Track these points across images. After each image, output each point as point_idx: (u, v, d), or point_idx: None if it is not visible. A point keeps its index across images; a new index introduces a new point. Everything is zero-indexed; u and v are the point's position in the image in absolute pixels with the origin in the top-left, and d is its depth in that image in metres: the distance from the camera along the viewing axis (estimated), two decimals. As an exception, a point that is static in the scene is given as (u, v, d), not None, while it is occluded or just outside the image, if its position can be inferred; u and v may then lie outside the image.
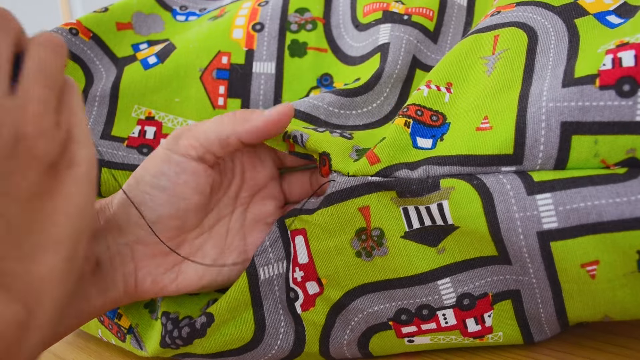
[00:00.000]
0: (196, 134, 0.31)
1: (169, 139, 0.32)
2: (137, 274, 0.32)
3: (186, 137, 0.31)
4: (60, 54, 0.24)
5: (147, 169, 0.31)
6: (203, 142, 0.31)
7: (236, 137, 0.31)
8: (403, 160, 0.31)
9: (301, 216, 0.32)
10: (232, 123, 0.31)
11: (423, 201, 0.29)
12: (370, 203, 0.30)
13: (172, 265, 0.32)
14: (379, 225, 0.31)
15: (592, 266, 0.27)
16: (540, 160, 0.28)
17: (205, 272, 0.33)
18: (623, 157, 0.27)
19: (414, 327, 0.32)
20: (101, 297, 0.31)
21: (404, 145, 0.31)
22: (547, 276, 0.28)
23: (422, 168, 0.30)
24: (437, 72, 0.34)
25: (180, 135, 0.31)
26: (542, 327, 0.31)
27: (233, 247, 0.34)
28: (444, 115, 0.32)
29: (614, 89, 0.26)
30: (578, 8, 0.32)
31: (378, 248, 0.31)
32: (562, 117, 0.27)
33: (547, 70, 0.30)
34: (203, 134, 0.31)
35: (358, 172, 0.30)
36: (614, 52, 0.27)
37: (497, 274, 0.30)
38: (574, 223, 0.27)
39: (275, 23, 0.42)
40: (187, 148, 0.31)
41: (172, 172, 0.30)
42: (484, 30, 0.34)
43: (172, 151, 0.31)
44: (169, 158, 0.31)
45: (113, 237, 0.31)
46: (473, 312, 0.31)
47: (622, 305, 0.28)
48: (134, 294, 0.32)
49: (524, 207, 0.27)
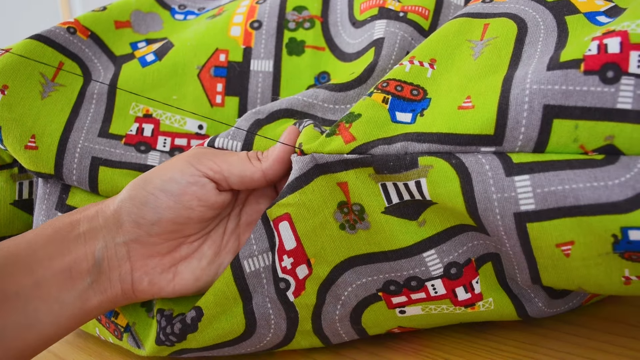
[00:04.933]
0: (220, 162, 0.32)
1: (190, 154, 0.32)
2: (134, 274, 0.32)
3: (209, 159, 0.32)
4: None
5: (160, 172, 0.32)
6: (225, 171, 0.32)
7: (261, 173, 0.32)
8: (380, 136, 0.30)
9: (280, 201, 0.32)
10: (258, 163, 0.32)
11: (401, 177, 0.29)
12: (348, 179, 0.30)
13: (168, 266, 0.33)
14: (358, 201, 0.31)
15: (567, 246, 0.27)
16: (520, 142, 0.28)
17: (202, 274, 0.33)
18: (601, 143, 0.27)
19: (404, 297, 0.32)
20: (99, 296, 0.31)
21: (381, 122, 0.31)
22: (522, 252, 0.29)
23: (401, 144, 0.29)
24: (422, 48, 0.34)
25: (204, 154, 0.32)
26: (525, 292, 0.32)
27: (228, 248, 0.34)
28: (424, 90, 0.32)
29: (597, 75, 0.26)
30: (570, 5, 0.32)
31: (360, 222, 0.31)
32: (545, 100, 0.27)
33: (534, 59, 0.30)
34: (227, 165, 0.32)
35: (333, 151, 0.30)
36: (600, 39, 0.27)
37: (477, 238, 0.31)
38: (551, 205, 0.27)
39: (273, 21, 0.42)
40: (206, 167, 0.31)
41: (184, 181, 0.31)
42: (475, 16, 0.34)
43: (190, 164, 0.31)
44: (185, 169, 0.31)
45: (111, 235, 0.31)
46: (461, 280, 0.31)
47: (595, 280, 0.28)
48: (132, 295, 0.32)
49: (502, 188, 0.27)
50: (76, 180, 0.37)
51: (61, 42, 0.41)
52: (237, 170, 0.32)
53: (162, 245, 0.32)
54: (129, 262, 0.32)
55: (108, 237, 0.31)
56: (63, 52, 0.41)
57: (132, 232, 0.31)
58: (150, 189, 0.31)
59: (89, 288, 0.31)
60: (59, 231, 0.31)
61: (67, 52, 0.41)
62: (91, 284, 0.31)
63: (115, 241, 0.31)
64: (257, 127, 0.35)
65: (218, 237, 0.34)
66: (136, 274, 0.32)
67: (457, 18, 0.35)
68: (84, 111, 0.39)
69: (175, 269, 0.33)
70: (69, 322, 0.30)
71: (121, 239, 0.31)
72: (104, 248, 0.31)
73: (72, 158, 0.37)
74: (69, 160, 0.37)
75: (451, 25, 0.34)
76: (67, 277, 0.30)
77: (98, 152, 0.38)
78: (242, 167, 0.32)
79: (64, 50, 0.41)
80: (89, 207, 0.33)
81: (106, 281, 0.31)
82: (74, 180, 0.37)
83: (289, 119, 0.36)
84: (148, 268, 0.32)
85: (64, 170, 0.37)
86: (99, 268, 0.31)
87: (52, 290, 0.30)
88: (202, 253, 0.33)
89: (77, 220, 0.32)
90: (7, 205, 0.41)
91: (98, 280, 0.31)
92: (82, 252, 0.31)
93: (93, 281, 0.31)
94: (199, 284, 0.33)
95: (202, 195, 0.31)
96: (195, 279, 0.33)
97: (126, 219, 0.31)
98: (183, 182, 0.31)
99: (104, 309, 0.32)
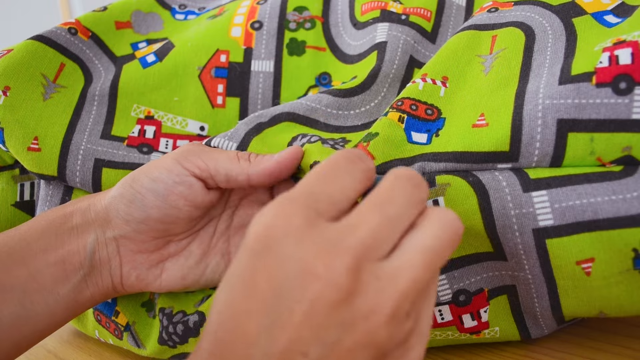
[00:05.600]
0: (207, 159, 0.31)
1: (178, 152, 0.32)
2: (123, 268, 0.32)
3: (197, 156, 0.31)
4: (455, 245, 0.21)
5: (147, 171, 0.32)
6: (211, 169, 0.31)
7: (245, 176, 0.31)
8: (398, 156, 0.31)
9: None
10: (246, 165, 0.31)
11: None
12: None
13: (156, 262, 0.33)
14: None
15: (588, 263, 0.27)
16: (536, 157, 0.28)
17: (189, 272, 0.33)
18: (619, 154, 0.27)
19: None
20: (91, 289, 0.32)
21: (398, 141, 0.31)
22: (542, 273, 0.28)
23: (418, 164, 0.30)
24: (433, 65, 0.34)
25: (192, 152, 0.32)
26: (538, 322, 0.31)
27: (217, 249, 0.34)
28: (438, 110, 0.32)
29: (610, 87, 0.26)
30: (576, 7, 0.32)
31: None
32: (558, 115, 0.27)
33: (544, 68, 0.30)
34: (214, 162, 0.31)
35: None
36: (610, 50, 0.27)
37: (493, 269, 0.30)
38: (570, 220, 0.27)
39: (273, 21, 0.42)
40: (193, 166, 0.31)
41: (170, 181, 0.31)
42: (482, 28, 0.34)
43: (177, 162, 0.31)
44: (172, 167, 0.31)
45: (102, 229, 0.32)
46: (469, 308, 0.31)
47: (617, 302, 0.28)
48: (121, 288, 0.33)
49: (520, 204, 0.27)
50: (79, 182, 0.37)
51: (62, 43, 0.41)
52: (223, 168, 0.31)
53: (150, 242, 0.32)
54: (119, 256, 0.32)
55: (99, 231, 0.32)
56: (64, 53, 0.41)
57: (121, 228, 0.32)
58: (138, 188, 0.31)
59: (82, 280, 0.31)
60: (52, 223, 0.31)
61: (69, 53, 0.41)
62: (84, 276, 0.31)
63: (105, 235, 0.32)
64: (258, 130, 0.35)
65: (207, 237, 0.34)
66: (125, 268, 0.32)
67: (465, 31, 0.35)
68: (85, 113, 0.39)
69: (162, 265, 0.33)
70: (63, 314, 0.31)
71: (111, 233, 0.32)
72: (95, 241, 0.32)
73: (75, 160, 0.37)
74: (72, 162, 0.37)
75: (460, 39, 0.34)
76: (61, 269, 0.30)
77: (101, 153, 0.38)
78: (229, 166, 0.31)
79: (65, 51, 0.41)
80: (82, 200, 0.33)
81: (98, 274, 0.32)
82: (77, 182, 0.37)
83: (291, 123, 0.36)
84: (136, 263, 0.32)
85: (67, 172, 0.37)
86: (90, 261, 0.31)
87: (47, 282, 0.30)
88: (190, 251, 0.34)
89: (71, 213, 0.32)
90: (9, 207, 0.41)
91: (90, 273, 0.31)
92: (75, 245, 0.31)
93: (86, 274, 0.31)
94: (185, 282, 0.33)
95: (188, 195, 0.31)
96: (182, 277, 0.33)
97: (115, 215, 0.31)
98: (170, 181, 0.31)
99: (95, 301, 0.32)
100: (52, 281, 0.30)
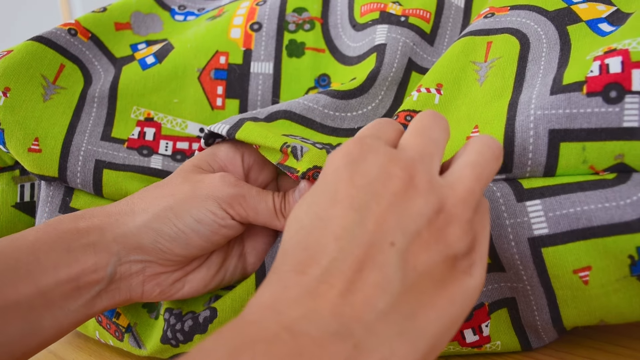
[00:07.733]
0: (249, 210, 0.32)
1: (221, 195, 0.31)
2: (145, 286, 0.32)
3: (239, 205, 0.32)
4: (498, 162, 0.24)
5: (190, 209, 0.31)
6: (251, 219, 0.32)
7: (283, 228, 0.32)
8: None
9: None
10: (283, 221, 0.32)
11: None
12: None
13: (180, 278, 0.33)
14: None
15: (585, 272, 0.27)
16: (529, 167, 0.28)
17: (211, 281, 0.34)
18: (612, 162, 0.27)
19: None
20: (105, 302, 0.31)
21: None
22: (540, 283, 0.28)
23: None
24: (429, 75, 0.34)
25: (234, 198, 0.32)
26: (539, 334, 0.31)
27: (233, 253, 0.35)
28: None
29: (600, 96, 0.26)
30: (571, 14, 0.32)
31: None
32: (550, 125, 0.27)
33: (538, 78, 0.30)
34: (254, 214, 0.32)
35: None
36: (601, 59, 0.27)
37: (492, 282, 0.30)
38: (565, 229, 0.27)
39: (273, 23, 0.42)
40: (236, 214, 0.32)
41: (216, 225, 0.31)
42: (477, 33, 0.35)
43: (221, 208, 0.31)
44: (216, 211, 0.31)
45: (127, 252, 0.31)
46: (470, 323, 0.31)
47: (616, 310, 0.28)
48: (139, 299, 0.32)
49: (514, 214, 0.28)
50: (80, 183, 0.37)
51: (62, 44, 0.41)
52: (263, 220, 0.32)
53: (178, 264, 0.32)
54: (142, 275, 0.32)
55: (123, 253, 0.31)
56: (64, 54, 0.41)
57: (152, 255, 0.31)
58: (182, 227, 0.31)
59: (97, 296, 0.30)
60: (62, 237, 0.30)
61: (68, 54, 0.41)
62: (99, 292, 0.30)
63: (130, 258, 0.31)
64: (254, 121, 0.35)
65: (225, 245, 0.34)
66: (147, 285, 0.32)
67: (460, 39, 0.35)
68: (85, 114, 0.39)
69: (185, 279, 0.33)
70: (71, 326, 0.30)
71: (139, 257, 0.31)
72: (117, 262, 0.30)
73: (76, 161, 0.37)
74: (72, 163, 0.37)
75: (454, 47, 0.35)
76: (73, 287, 0.29)
77: (101, 155, 0.38)
78: (269, 222, 0.32)
79: (65, 52, 0.41)
80: (94, 215, 0.32)
81: (115, 290, 0.31)
82: (78, 183, 0.37)
83: (287, 121, 0.36)
84: (160, 280, 0.32)
85: (68, 173, 0.37)
86: (110, 279, 0.31)
87: (57, 299, 0.29)
88: (211, 261, 0.34)
89: (86, 230, 0.31)
90: (9, 208, 0.41)
91: (107, 289, 0.31)
92: (91, 263, 0.30)
93: (101, 290, 0.30)
94: (207, 289, 0.34)
95: (228, 233, 0.32)
96: (204, 286, 0.33)
97: (151, 247, 0.31)
98: (215, 225, 0.31)
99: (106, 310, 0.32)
100: (62, 298, 0.29)
